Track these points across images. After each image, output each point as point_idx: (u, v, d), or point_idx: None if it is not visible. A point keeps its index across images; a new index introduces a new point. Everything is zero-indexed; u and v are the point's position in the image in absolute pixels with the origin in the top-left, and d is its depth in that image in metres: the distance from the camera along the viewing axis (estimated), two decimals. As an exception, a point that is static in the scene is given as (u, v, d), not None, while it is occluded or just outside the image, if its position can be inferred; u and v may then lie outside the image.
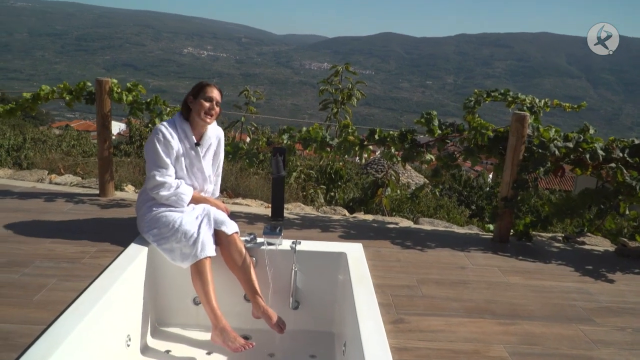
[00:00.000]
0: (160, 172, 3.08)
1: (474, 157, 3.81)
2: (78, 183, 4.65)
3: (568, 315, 2.74)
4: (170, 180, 3.10)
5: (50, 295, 2.53)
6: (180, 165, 3.18)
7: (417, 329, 2.48)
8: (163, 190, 3.08)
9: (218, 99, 3.19)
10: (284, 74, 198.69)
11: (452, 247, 3.66)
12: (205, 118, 3.16)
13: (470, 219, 10.95)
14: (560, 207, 3.77)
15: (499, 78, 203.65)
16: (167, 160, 3.10)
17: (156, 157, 3.09)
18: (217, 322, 2.85)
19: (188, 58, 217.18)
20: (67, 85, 4.14)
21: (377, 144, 3.89)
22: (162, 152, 3.09)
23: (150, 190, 3.10)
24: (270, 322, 3.00)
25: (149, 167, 3.12)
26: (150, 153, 3.11)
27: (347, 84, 5.55)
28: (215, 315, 2.86)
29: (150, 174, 3.09)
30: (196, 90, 3.19)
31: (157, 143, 3.09)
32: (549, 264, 3.49)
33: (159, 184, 3.07)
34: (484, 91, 4.03)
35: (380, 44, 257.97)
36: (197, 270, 2.92)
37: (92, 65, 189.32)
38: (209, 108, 3.15)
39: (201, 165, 3.25)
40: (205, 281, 2.90)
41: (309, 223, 3.97)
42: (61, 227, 3.47)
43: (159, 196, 3.09)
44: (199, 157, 3.24)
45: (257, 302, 3.03)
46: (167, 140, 3.10)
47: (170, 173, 3.12)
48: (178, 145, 3.15)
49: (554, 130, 3.71)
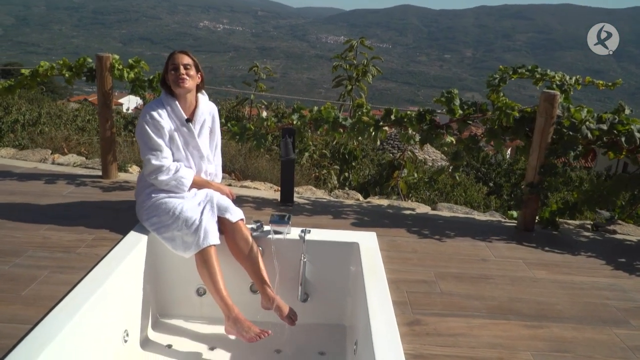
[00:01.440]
0: (156, 155, 2.88)
1: (497, 139, 3.54)
2: (81, 163, 4.47)
3: (601, 317, 2.50)
4: (167, 162, 2.90)
5: (40, 289, 2.36)
6: (176, 145, 2.98)
7: (434, 332, 2.27)
8: (161, 175, 2.88)
9: (186, 62, 2.93)
10: (300, 48, 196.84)
11: (473, 236, 3.42)
12: (179, 85, 2.91)
13: (488, 196, 10.67)
14: (591, 194, 3.49)
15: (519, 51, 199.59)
16: (160, 142, 2.90)
17: (148, 140, 2.89)
18: (229, 313, 2.68)
19: (204, 31, 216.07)
20: (66, 62, 3.93)
21: (393, 124, 3.63)
22: (154, 134, 2.89)
23: (147, 176, 2.91)
24: (281, 314, 2.81)
25: (143, 152, 2.93)
26: (142, 137, 2.91)
27: (362, 59, 5.26)
28: (226, 305, 2.69)
29: (146, 158, 2.89)
30: (165, 63, 2.98)
31: (147, 125, 2.89)
32: (577, 255, 3.24)
33: (156, 168, 2.88)
34: (510, 67, 3.73)
35: (398, 16, 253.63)
36: (202, 260, 2.73)
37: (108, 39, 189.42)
38: (176, 76, 2.90)
39: (196, 143, 3.04)
40: (213, 271, 2.72)
41: (320, 209, 3.75)
42: (59, 212, 3.30)
43: (157, 181, 2.89)
44: (192, 134, 3.02)
45: (266, 293, 2.84)
46: (156, 121, 2.90)
47: (166, 155, 2.92)
48: (169, 124, 2.94)
49: (586, 110, 3.41)
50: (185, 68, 2.92)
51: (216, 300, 2.73)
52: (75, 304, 2.21)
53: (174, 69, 2.92)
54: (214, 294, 2.72)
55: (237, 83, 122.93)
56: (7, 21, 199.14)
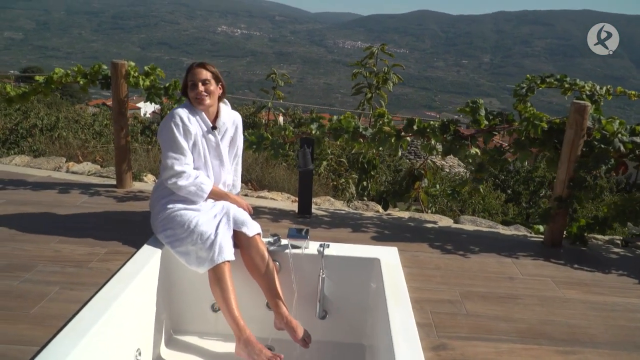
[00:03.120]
0: (179, 160, 2.80)
1: (524, 151, 3.40)
2: (96, 172, 4.42)
3: (636, 342, 2.35)
4: (189, 169, 2.82)
5: (49, 307, 2.27)
6: (198, 152, 2.90)
7: (462, 358, 2.14)
8: (181, 180, 2.79)
9: (204, 77, 2.85)
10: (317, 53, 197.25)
11: (498, 252, 3.28)
12: (199, 103, 2.86)
13: (506, 203, 10.47)
14: (622, 209, 3.33)
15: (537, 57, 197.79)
16: (185, 146, 2.82)
17: (173, 144, 2.80)
18: (240, 334, 2.56)
19: (222, 36, 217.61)
20: (81, 69, 3.87)
21: (415, 135, 3.51)
22: (180, 137, 2.80)
23: (166, 180, 2.82)
24: (295, 336, 2.70)
25: (165, 155, 2.83)
26: (167, 139, 2.82)
27: (382, 66, 5.14)
28: (237, 325, 2.57)
29: (168, 162, 2.80)
30: (184, 80, 2.91)
31: (175, 128, 2.80)
32: (608, 274, 3.08)
33: (177, 174, 2.79)
34: (538, 77, 3.59)
35: (416, 22, 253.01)
36: (215, 277, 2.63)
37: (127, 44, 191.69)
38: (195, 94, 2.84)
39: (220, 151, 2.96)
40: (225, 288, 2.62)
41: (338, 221, 3.63)
42: (71, 223, 3.23)
43: (176, 186, 2.80)
44: (217, 142, 2.95)
45: (280, 313, 2.74)
46: (185, 125, 2.82)
47: (189, 162, 2.84)
48: (196, 130, 2.86)
49: (618, 122, 3.26)
50: (204, 84, 2.84)
51: (227, 320, 2.63)
52: (84, 325, 2.12)
53: (192, 86, 2.85)
54: (226, 313, 2.62)
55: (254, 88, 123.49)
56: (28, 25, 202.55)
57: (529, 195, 12.08)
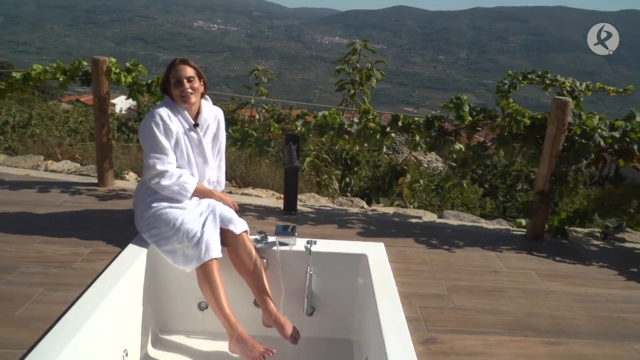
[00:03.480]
0: (161, 160, 2.77)
1: (507, 146, 3.45)
2: (76, 170, 4.34)
3: (619, 332, 2.41)
4: (171, 168, 2.79)
5: (34, 309, 2.23)
6: (181, 150, 2.87)
7: (451, 351, 2.16)
8: (164, 180, 2.76)
9: (189, 75, 2.82)
10: (295, 49, 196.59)
11: (482, 245, 3.32)
12: (184, 101, 2.83)
13: (484, 197, 10.60)
14: (602, 202, 3.40)
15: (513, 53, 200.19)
16: (167, 146, 2.79)
17: (155, 144, 2.77)
18: (232, 331, 2.57)
19: (198, 32, 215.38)
20: (60, 65, 3.79)
21: (400, 131, 3.53)
22: (161, 136, 2.77)
23: (149, 180, 2.79)
24: (283, 332, 2.70)
25: (147, 155, 2.80)
26: (148, 139, 2.79)
27: (365, 62, 5.15)
28: (229, 322, 2.58)
29: (150, 162, 2.76)
30: (165, 72, 2.87)
31: (155, 127, 2.76)
32: (589, 266, 3.15)
33: (159, 173, 2.76)
34: (520, 73, 3.64)
35: (393, 17, 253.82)
36: (203, 275, 2.62)
37: (101, 39, 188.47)
38: (180, 92, 2.81)
39: (202, 148, 2.94)
40: (214, 286, 2.61)
41: (324, 217, 3.64)
42: (53, 223, 3.17)
43: (159, 186, 2.77)
44: (199, 139, 2.92)
45: (268, 310, 2.73)
46: (166, 123, 2.79)
47: (171, 160, 2.81)
48: (178, 128, 2.83)
49: (598, 117, 3.32)
50: (189, 81, 2.81)
51: (218, 317, 2.62)
52: (72, 326, 2.09)
53: (177, 83, 2.81)
54: (216, 311, 2.61)
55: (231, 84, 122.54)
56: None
57: (506, 189, 12.24)
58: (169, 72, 2.85)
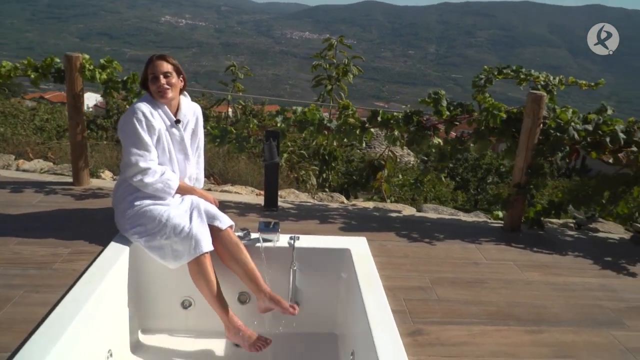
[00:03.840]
0: (143, 157, 2.72)
1: (484, 140, 3.51)
2: (49, 169, 4.24)
3: (597, 319, 2.49)
4: (154, 165, 2.76)
5: (16, 312, 2.19)
6: (162, 147, 2.83)
7: (437, 342, 2.20)
8: (147, 177, 2.72)
9: (165, 70, 2.78)
10: (264, 44, 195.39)
11: (462, 238, 3.38)
12: (161, 97, 2.79)
13: (455, 190, 10.76)
14: (576, 194, 3.50)
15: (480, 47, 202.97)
16: (149, 143, 2.74)
17: (137, 140, 2.72)
18: (229, 322, 2.63)
19: (166, 27, 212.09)
20: (31, 62, 3.70)
21: (379, 126, 3.56)
22: (143, 133, 2.72)
23: (131, 178, 2.74)
24: (282, 305, 2.67)
25: (128, 152, 2.73)
26: (130, 136, 2.73)
27: (342, 58, 5.16)
28: (226, 314, 2.63)
29: (132, 159, 2.71)
30: (144, 73, 2.83)
31: (137, 123, 2.71)
32: (565, 255, 3.24)
33: (142, 170, 2.71)
34: (495, 68, 3.70)
35: (362, 12, 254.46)
36: (198, 269, 2.61)
37: (65, 34, 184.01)
38: (157, 87, 2.77)
39: (184, 145, 2.91)
40: (210, 280, 2.62)
41: (305, 213, 3.64)
42: (29, 223, 3.10)
43: (142, 184, 2.73)
44: (181, 136, 2.89)
45: (262, 290, 2.70)
46: (148, 120, 2.74)
47: (153, 157, 2.77)
48: (159, 124, 2.79)
49: (571, 111, 3.41)
50: (166, 76, 2.77)
51: (215, 309, 2.64)
52: (57, 328, 2.05)
53: (153, 79, 2.77)
54: (213, 304, 2.63)
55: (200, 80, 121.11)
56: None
57: (477, 182, 12.44)
58: (147, 67, 2.82)
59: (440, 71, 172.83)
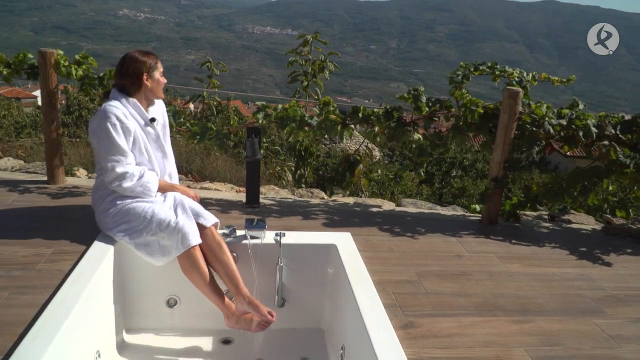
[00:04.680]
0: (119, 162, 2.66)
1: (462, 135, 3.59)
2: (21, 168, 4.12)
3: (578, 308, 2.59)
4: (131, 169, 2.70)
5: (4, 313, 2.13)
6: (139, 148, 2.77)
7: (430, 334, 2.25)
8: (125, 182, 2.67)
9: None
10: (226, 38, 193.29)
11: (443, 232, 3.45)
12: (159, 95, 2.86)
13: (420, 184, 10.95)
14: (551, 187, 3.61)
15: (441, 42, 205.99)
16: (124, 147, 2.68)
17: (111, 146, 2.64)
18: (227, 311, 2.67)
19: (124, 20, 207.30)
20: (3, 57, 3.58)
21: (360, 122, 3.59)
22: (119, 138, 2.65)
23: (109, 183, 2.69)
24: (260, 312, 2.66)
25: (103, 158, 2.67)
26: (104, 141, 2.65)
27: (317, 55, 5.18)
28: (224, 303, 2.66)
29: (108, 165, 2.65)
30: (149, 66, 2.78)
31: (112, 128, 2.63)
32: (543, 247, 3.34)
33: (119, 176, 2.65)
34: (471, 64, 3.78)
35: (324, 7, 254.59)
36: (189, 263, 2.59)
37: (18, 28, 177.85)
38: (164, 84, 2.83)
39: (161, 142, 2.89)
40: (202, 271, 2.61)
41: (287, 209, 3.65)
42: (7, 223, 3.01)
43: (121, 188, 2.68)
44: (157, 134, 2.86)
45: (242, 294, 2.68)
46: (123, 123, 2.67)
47: (130, 161, 2.71)
48: (134, 125, 2.74)
49: (546, 106, 3.52)
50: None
51: (212, 300, 2.64)
52: (49, 329, 2.01)
53: (164, 74, 2.84)
54: (210, 295, 2.63)
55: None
56: None
57: (441, 176, 12.67)
58: (155, 62, 2.80)
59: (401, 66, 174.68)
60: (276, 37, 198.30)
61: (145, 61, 2.76)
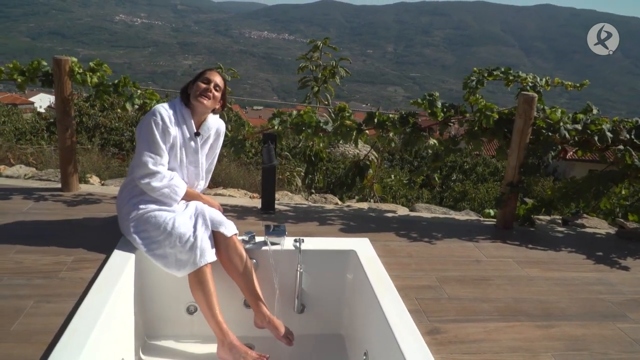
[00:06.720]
0: (154, 160, 2.69)
1: (477, 140, 3.59)
2: (34, 175, 4.11)
3: (601, 312, 2.58)
4: (163, 170, 2.73)
5: (30, 322, 2.12)
6: (175, 155, 2.81)
7: (456, 340, 2.25)
8: (155, 181, 2.69)
9: (218, 83, 2.86)
10: (223, 43, 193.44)
11: (459, 236, 3.45)
12: (201, 99, 2.80)
13: (421, 188, 10.97)
14: (566, 191, 3.62)
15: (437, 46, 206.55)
16: (162, 147, 2.72)
17: (151, 143, 2.69)
18: (223, 337, 2.53)
19: (120, 26, 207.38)
20: (17, 65, 3.58)
21: (375, 128, 3.59)
22: (159, 136, 2.70)
23: (139, 179, 2.70)
24: (278, 334, 2.70)
25: (140, 152, 2.71)
26: (145, 136, 2.71)
27: (328, 60, 5.19)
28: (221, 329, 2.54)
29: (143, 159, 2.68)
30: (196, 75, 2.88)
31: (155, 126, 2.69)
32: (559, 251, 3.34)
33: (151, 173, 2.68)
34: (485, 70, 3.79)
35: (321, 12, 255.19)
36: (197, 280, 2.57)
37: (15, 33, 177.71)
38: (204, 89, 2.80)
39: (197, 158, 2.90)
40: (208, 292, 2.57)
41: (302, 215, 3.65)
42: (25, 231, 3.00)
43: (149, 187, 2.69)
44: (196, 149, 2.88)
45: (261, 311, 2.71)
46: (166, 125, 2.72)
47: (164, 162, 2.74)
48: (176, 132, 2.77)
49: (560, 111, 3.53)
50: (215, 88, 2.84)
51: (210, 323, 2.58)
52: (78, 339, 2.00)
53: (205, 82, 2.82)
54: (209, 317, 2.57)
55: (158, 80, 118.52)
56: None
57: (441, 180, 12.70)
58: (202, 73, 2.88)
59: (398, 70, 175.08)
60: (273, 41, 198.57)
61: (201, 72, 2.86)
